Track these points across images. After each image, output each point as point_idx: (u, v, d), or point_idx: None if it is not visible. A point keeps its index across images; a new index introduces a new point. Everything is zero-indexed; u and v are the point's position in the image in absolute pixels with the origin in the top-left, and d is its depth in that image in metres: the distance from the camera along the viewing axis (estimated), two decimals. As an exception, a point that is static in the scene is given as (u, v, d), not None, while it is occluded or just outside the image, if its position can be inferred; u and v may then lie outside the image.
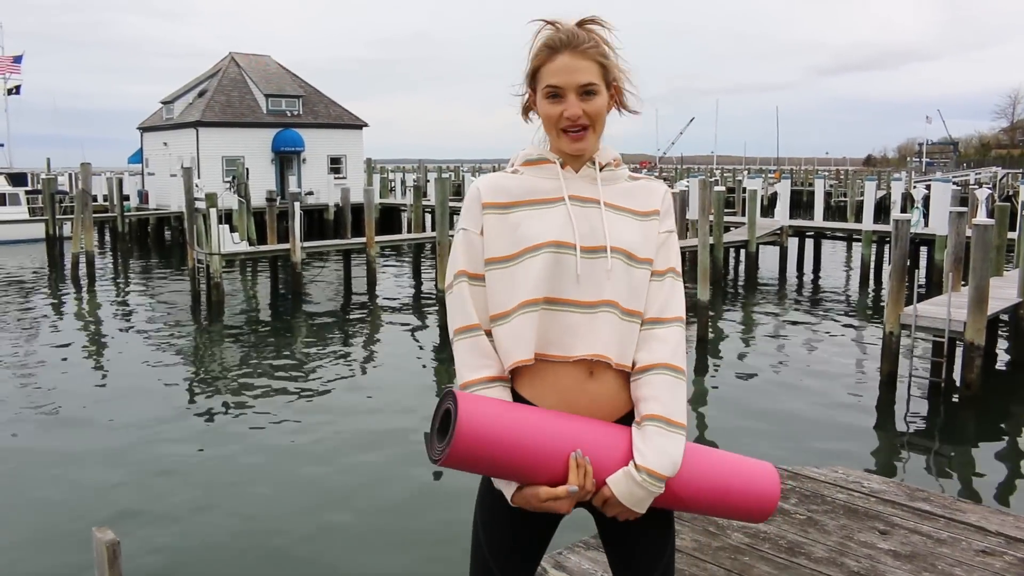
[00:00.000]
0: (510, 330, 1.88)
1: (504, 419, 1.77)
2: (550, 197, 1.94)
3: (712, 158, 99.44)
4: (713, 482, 1.92)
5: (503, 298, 1.90)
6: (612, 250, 1.89)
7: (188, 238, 22.35)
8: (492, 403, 1.81)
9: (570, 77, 1.89)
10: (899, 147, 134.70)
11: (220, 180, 37.59)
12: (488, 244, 1.94)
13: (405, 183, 50.91)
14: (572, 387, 1.88)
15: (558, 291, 1.87)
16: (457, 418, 1.72)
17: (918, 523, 4.01)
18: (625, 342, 1.90)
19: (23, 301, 22.51)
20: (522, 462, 1.76)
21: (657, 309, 1.93)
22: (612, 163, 2.01)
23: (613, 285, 1.89)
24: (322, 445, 10.82)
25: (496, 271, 1.92)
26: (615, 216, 1.94)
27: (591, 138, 1.94)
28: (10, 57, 44.96)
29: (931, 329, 12.80)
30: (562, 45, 1.90)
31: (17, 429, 11.49)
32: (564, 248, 1.87)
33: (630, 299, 1.91)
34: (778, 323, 19.16)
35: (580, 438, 1.80)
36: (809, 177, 66.96)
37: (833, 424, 11.67)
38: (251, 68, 43.46)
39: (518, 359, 1.88)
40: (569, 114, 1.90)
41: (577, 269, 1.87)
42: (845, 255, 31.32)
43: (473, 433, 1.72)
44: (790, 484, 4.50)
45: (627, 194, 1.99)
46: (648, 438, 1.83)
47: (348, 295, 23.23)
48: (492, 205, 1.95)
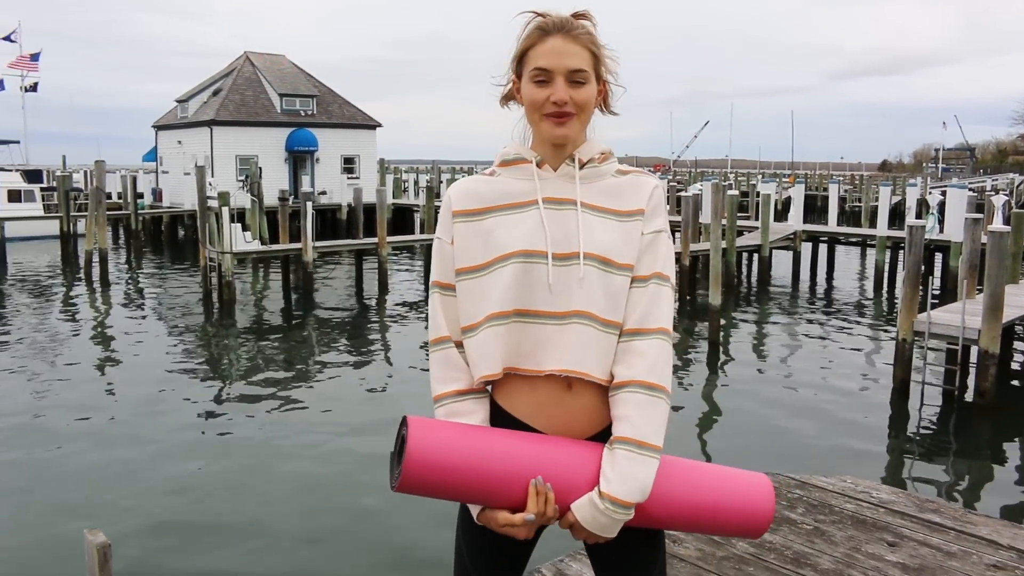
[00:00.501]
0: (477, 344, 1.81)
1: (458, 445, 1.71)
2: (524, 200, 1.84)
3: (726, 162, 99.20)
4: (698, 499, 1.81)
5: (472, 309, 1.83)
6: (585, 256, 1.77)
7: (200, 236, 22.40)
8: (446, 428, 1.76)
9: (560, 60, 1.79)
10: (915, 152, 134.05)
11: (233, 179, 37.71)
12: (458, 254, 1.86)
13: (418, 183, 50.97)
14: (550, 401, 1.81)
15: (529, 302, 1.78)
16: (406, 445, 1.68)
17: (927, 535, 3.93)
18: (604, 355, 1.78)
19: (37, 297, 22.61)
20: (478, 488, 1.72)
21: (637, 319, 1.79)
22: (597, 158, 1.88)
23: (586, 294, 1.77)
24: (329, 447, 10.79)
25: (466, 281, 1.84)
26: (593, 218, 1.82)
27: (575, 126, 1.83)
28: (28, 55, 45.20)
29: (945, 336, 12.68)
30: (554, 28, 1.81)
31: (21, 425, 11.50)
32: (534, 257, 1.78)
33: (607, 309, 1.78)
34: (790, 329, 19.04)
35: (545, 461, 1.73)
36: (824, 182, 66.63)
37: (843, 432, 11.56)
38: (266, 67, 43.58)
39: (483, 374, 1.81)
40: (556, 98, 1.79)
41: (548, 278, 1.77)
42: (859, 261, 31.15)
43: (424, 460, 1.68)
44: (797, 493, 4.43)
45: (611, 192, 1.86)
46: (615, 463, 1.72)
47: (359, 295, 23.24)
48: (462, 213, 1.87)
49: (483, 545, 1.90)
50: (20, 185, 36.32)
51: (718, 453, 10.75)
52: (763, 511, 1.86)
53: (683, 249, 21.93)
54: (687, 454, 6.10)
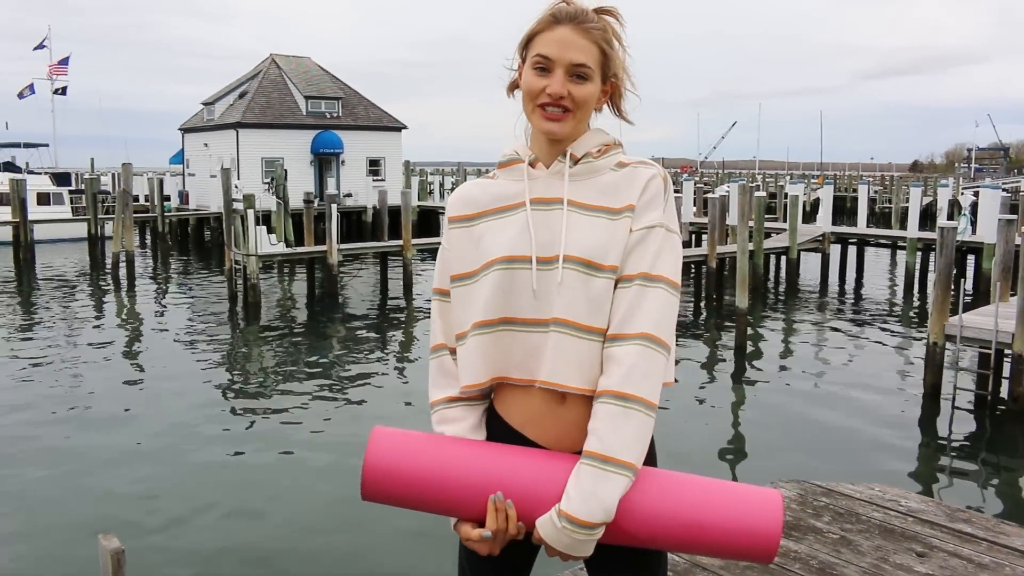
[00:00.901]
0: (463, 352, 1.76)
1: (419, 455, 1.69)
2: (513, 203, 1.76)
3: (754, 163, 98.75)
4: (687, 517, 1.63)
5: (462, 317, 1.77)
6: (565, 259, 1.66)
7: (226, 239, 22.52)
8: (409, 438, 1.73)
9: (564, 51, 1.69)
10: (947, 152, 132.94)
11: (259, 181, 37.99)
12: (453, 261, 1.81)
13: (443, 185, 51.07)
14: (543, 411, 1.72)
15: (514, 310, 1.69)
16: (365, 454, 1.69)
17: (958, 546, 3.79)
18: (587, 364, 1.66)
19: (65, 299, 22.84)
20: (440, 500, 1.69)
21: (616, 323, 1.65)
22: (594, 152, 1.76)
23: (564, 300, 1.66)
24: (354, 452, 10.74)
25: (458, 289, 1.78)
26: (581, 218, 1.69)
27: (569, 123, 1.72)
28: (57, 60, 45.79)
29: (977, 340, 12.43)
30: (566, 18, 1.71)
31: (44, 427, 11.57)
32: (517, 262, 1.69)
33: (588, 315, 1.66)
34: (819, 332, 18.80)
35: (512, 475, 1.64)
36: (853, 183, 66.03)
37: (871, 438, 11.35)
38: (291, 70, 43.85)
39: (464, 383, 1.76)
40: (552, 90, 1.69)
41: (533, 284, 1.68)
42: (889, 263, 30.78)
43: (381, 470, 1.69)
44: (824, 501, 4.30)
45: (606, 188, 1.72)
46: (579, 480, 1.60)
47: (384, 297, 23.26)
48: (456, 219, 1.82)
49: (483, 562, 1.82)
50: (49, 188, 36.77)
51: (743, 459, 10.60)
52: (766, 532, 1.64)
53: (710, 251, 21.76)
54: (710, 460, 5.99)
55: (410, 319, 20.33)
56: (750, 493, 1.69)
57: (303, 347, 17.19)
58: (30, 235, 29.23)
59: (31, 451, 10.55)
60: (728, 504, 1.66)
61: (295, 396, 13.18)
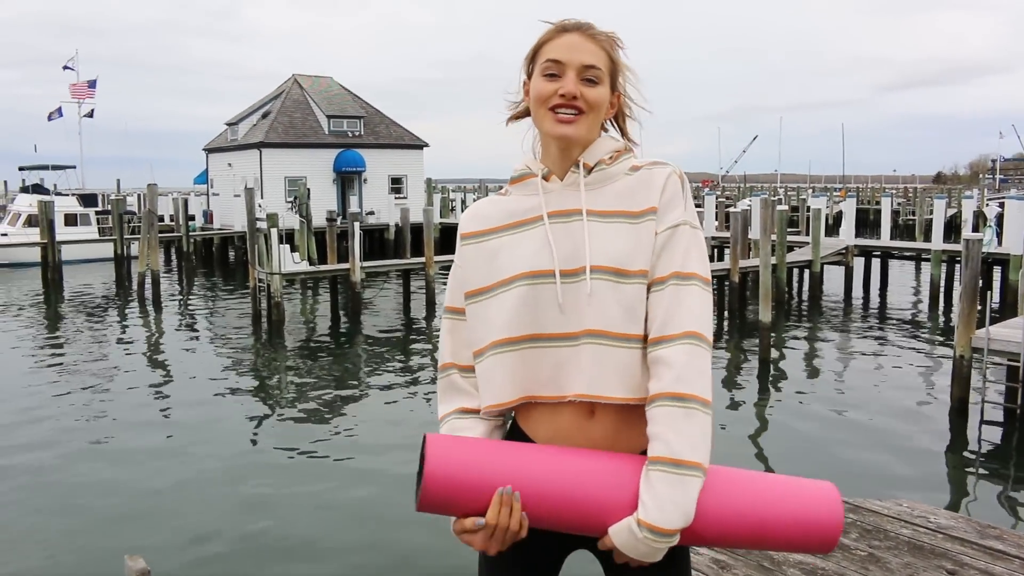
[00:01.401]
0: (482, 371, 1.75)
1: (480, 462, 1.62)
2: (530, 217, 1.75)
3: (776, 176, 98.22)
4: (754, 513, 1.64)
5: (479, 334, 1.75)
6: (592, 269, 1.65)
7: (249, 258, 22.67)
8: (468, 445, 1.66)
9: (574, 54, 1.71)
10: (971, 164, 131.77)
11: (282, 200, 38.22)
12: (467, 277, 1.80)
13: (465, 202, 51.18)
14: (570, 428, 1.70)
15: (540, 325, 1.67)
16: (425, 464, 1.61)
17: (990, 563, 3.74)
18: (627, 372, 1.65)
19: (92, 318, 23.07)
20: None
21: (658, 326, 1.64)
22: (606, 160, 1.76)
23: (596, 311, 1.65)
24: (378, 469, 10.75)
25: (473, 305, 1.77)
26: (602, 226, 1.69)
27: (583, 126, 1.71)
28: (85, 82, 46.36)
29: (1005, 353, 12.28)
30: (573, 27, 1.74)
31: (72, 446, 11.65)
32: (541, 277, 1.68)
33: (623, 322, 1.65)
34: (843, 345, 18.65)
35: (578, 478, 1.61)
36: (876, 195, 65.60)
37: (898, 453, 11.23)
38: (313, 90, 44.22)
39: (489, 403, 1.74)
40: (565, 90, 1.69)
41: (559, 298, 1.67)
42: (913, 276, 30.50)
43: (443, 479, 1.60)
44: (851, 517, 4.27)
45: (623, 193, 1.73)
46: (652, 487, 1.57)
47: (407, 315, 23.31)
48: (469, 235, 1.82)
49: (505, 563, 1.81)
50: (76, 209, 37.17)
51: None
52: (831, 521, 1.67)
53: (732, 266, 21.66)
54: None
55: (433, 336, 20.34)
56: (808, 486, 1.71)
57: (327, 364, 17.26)
58: (58, 255, 29.56)
59: (57, 470, 10.63)
60: (791, 498, 1.68)
61: (320, 414, 13.22)
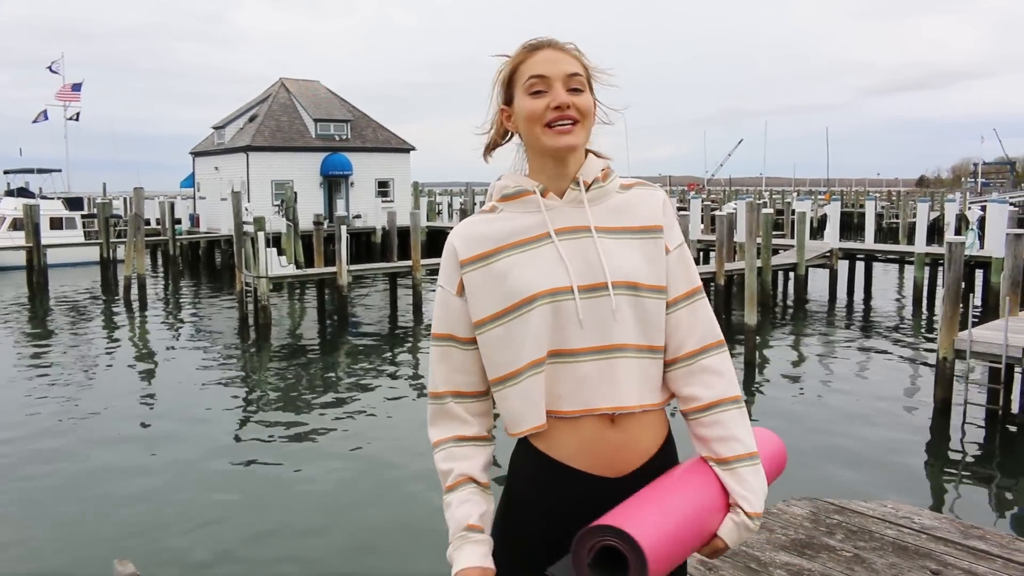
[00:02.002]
0: (520, 393, 1.72)
1: (672, 536, 1.61)
2: (535, 235, 1.75)
3: (761, 180, 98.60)
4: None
5: (508, 356, 1.72)
6: (614, 286, 1.70)
7: (236, 261, 22.63)
8: (658, 526, 1.61)
9: (556, 66, 1.73)
10: (953, 167, 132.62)
11: (269, 204, 38.14)
12: (475, 305, 1.76)
13: (452, 206, 51.20)
14: (593, 438, 1.72)
15: (562, 342, 1.70)
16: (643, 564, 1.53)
17: (973, 563, 3.82)
18: (647, 382, 1.74)
19: (78, 322, 22.97)
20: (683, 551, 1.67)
21: (698, 338, 1.79)
22: (600, 176, 1.80)
23: (622, 326, 1.70)
24: (365, 473, 10.79)
25: (493, 330, 1.74)
26: (611, 242, 1.74)
27: (581, 135, 1.74)
28: (70, 85, 46.15)
29: (987, 355, 12.41)
30: (544, 43, 1.77)
31: (57, 451, 11.62)
32: (560, 294, 1.69)
33: (645, 335, 1.73)
34: (827, 348, 18.78)
35: (684, 508, 1.67)
36: (860, 199, 65.96)
37: (883, 454, 11.34)
38: (300, 93, 44.14)
39: (531, 426, 1.73)
40: (557, 102, 1.71)
41: (579, 314, 1.69)
42: (897, 278, 30.71)
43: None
44: (836, 519, 4.34)
45: (621, 210, 1.79)
46: (745, 482, 1.75)
47: (394, 318, 23.32)
48: (471, 260, 1.76)
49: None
50: (62, 213, 36.98)
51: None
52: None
53: (718, 269, 21.78)
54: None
55: (420, 339, 20.37)
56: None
57: (314, 367, 17.26)
58: (43, 259, 29.38)
59: (44, 474, 10.60)
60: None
61: (307, 416, 13.23)
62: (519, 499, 1.80)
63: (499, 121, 1.85)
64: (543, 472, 1.75)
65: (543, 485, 1.76)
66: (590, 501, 1.71)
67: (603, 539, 1.56)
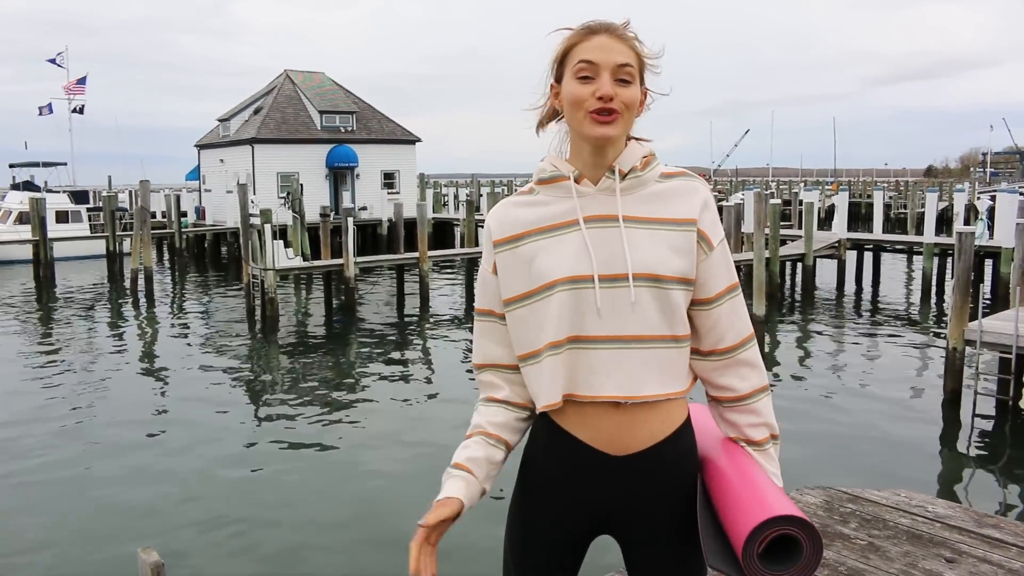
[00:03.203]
0: (537, 372, 1.78)
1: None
2: (564, 221, 1.78)
3: (768, 170, 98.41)
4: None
5: (532, 336, 1.78)
6: (635, 278, 1.71)
7: (243, 254, 22.64)
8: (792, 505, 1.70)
9: (608, 55, 1.71)
10: (962, 157, 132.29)
11: (275, 196, 38.16)
12: (504, 284, 1.82)
13: (458, 197, 51.20)
14: (599, 416, 1.76)
15: (581, 328, 1.73)
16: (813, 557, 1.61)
17: (988, 551, 3.79)
18: (667, 372, 1.76)
19: (85, 316, 23.02)
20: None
21: (736, 333, 1.83)
22: (639, 165, 1.79)
23: (640, 318, 1.72)
24: (378, 463, 10.79)
25: (518, 310, 1.80)
26: (639, 232, 1.74)
27: (620, 126, 1.73)
28: (75, 79, 46.20)
29: (997, 345, 12.37)
30: (601, 28, 1.74)
31: (71, 442, 11.66)
32: (581, 282, 1.72)
33: (669, 326, 1.74)
34: (836, 339, 18.74)
35: (743, 482, 1.77)
36: (868, 189, 65.83)
37: (894, 444, 11.31)
38: (305, 85, 44.12)
39: (546, 403, 1.77)
40: (602, 92, 1.70)
41: (597, 303, 1.72)
42: (905, 269, 30.64)
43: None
44: (850, 507, 4.31)
45: (656, 199, 1.78)
46: (773, 460, 1.89)
47: (401, 310, 23.33)
48: (502, 242, 1.82)
49: (529, 558, 1.89)
50: (68, 206, 37.04)
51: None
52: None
53: (725, 259, 21.68)
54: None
55: (427, 331, 20.38)
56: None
57: (322, 360, 17.27)
58: (50, 253, 29.47)
59: (56, 467, 10.63)
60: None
61: (316, 408, 13.23)
62: (530, 460, 1.89)
63: (551, 97, 1.85)
64: (552, 439, 1.83)
65: (549, 450, 1.84)
66: (589, 472, 1.79)
67: (776, 530, 1.61)
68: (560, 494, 1.83)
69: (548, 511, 1.85)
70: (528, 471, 1.89)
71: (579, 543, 1.88)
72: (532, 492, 1.88)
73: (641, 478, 1.78)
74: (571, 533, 1.85)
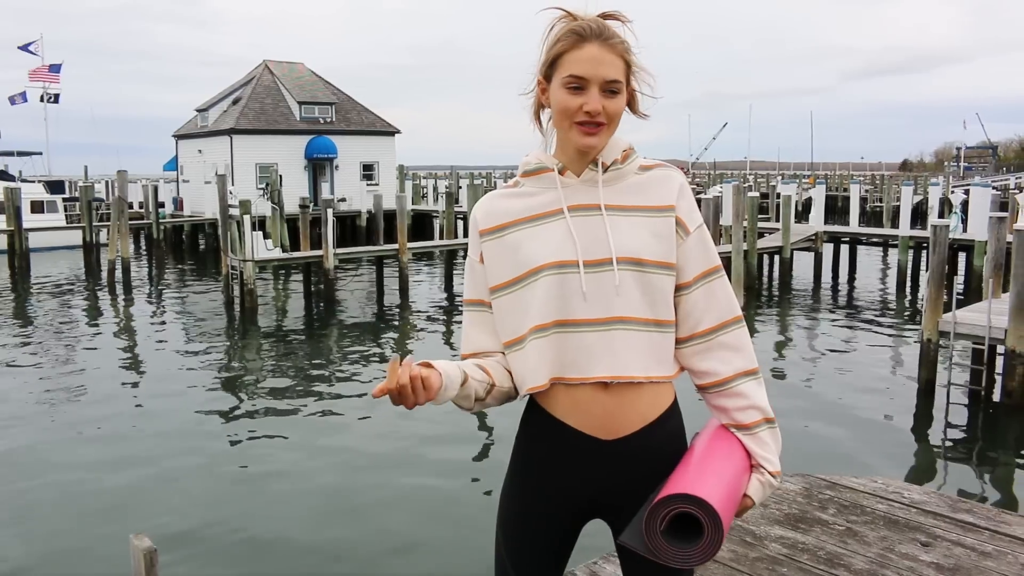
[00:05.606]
0: (522, 357, 1.85)
1: (728, 498, 1.73)
2: (549, 211, 1.85)
3: (746, 163, 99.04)
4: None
5: (515, 323, 1.85)
6: (618, 261, 1.78)
7: (222, 245, 22.55)
8: (717, 488, 1.72)
9: (597, 69, 1.76)
10: (936, 151, 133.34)
11: (254, 187, 37.94)
12: (490, 272, 1.90)
13: (437, 189, 51.06)
14: (586, 399, 1.82)
15: (567, 312, 1.79)
16: (711, 537, 1.64)
17: (961, 535, 3.90)
18: (653, 355, 1.81)
19: (61, 307, 22.83)
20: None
21: (715, 316, 1.86)
22: (619, 158, 1.86)
23: (624, 300, 1.78)
24: (357, 454, 10.82)
25: (503, 297, 1.87)
26: (621, 219, 1.82)
27: (605, 136, 1.82)
28: (48, 66, 45.69)
29: (971, 336, 12.56)
30: (591, 34, 1.78)
31: (52, 434, 11.61)
32: (566, 267, 1.79)
33: (651, 309, 1.80)
34: (813, 331, 18.93)
35: (723, 472, 1.79)
36: (844, 182, 66.26)
37: (871, 433, 11.48)
38: (284, 76, 43.86)
39: (531, 386, 1.83)
40: (590, 108, 1.77)
41: (583, 287, 1.78)
42: (881, 261, 30.94)
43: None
44: (828, 494, 4.41)
45: (636, 189, 1.85)
46: (766, 445, 1.89)
47: (380, 301, 23.30)
48: (488, 231, 1.90)
49: (522, 544, 1.93)
50: (43, 196, 36.65)
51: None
52: None
53: (704, 251, 21.80)
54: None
55: (406, 322, 20.39)
56: None
57: (301, 351, 17.24)
58: (25, 243, 29.21)
59: (34, 458, 10.58)
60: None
61: (293, 399, 13.24)
62: (521, 448, 1.94)
63: (538, 92, 1.89)
64: (541, 425, 1.88)
65: (538, 438, 1.89)
66: (580, 457, 1.84)
67: (676, 507, 1.66)
68: (552, 480, 1.87)
69: (540, 497, 1.89)
70: (519, 458, 1.94)
71: (571, 528, 1.93)
72: (524, 479, 1.92)
73: (632, 461, 1.83)
74: (563, 519, 1.91)
